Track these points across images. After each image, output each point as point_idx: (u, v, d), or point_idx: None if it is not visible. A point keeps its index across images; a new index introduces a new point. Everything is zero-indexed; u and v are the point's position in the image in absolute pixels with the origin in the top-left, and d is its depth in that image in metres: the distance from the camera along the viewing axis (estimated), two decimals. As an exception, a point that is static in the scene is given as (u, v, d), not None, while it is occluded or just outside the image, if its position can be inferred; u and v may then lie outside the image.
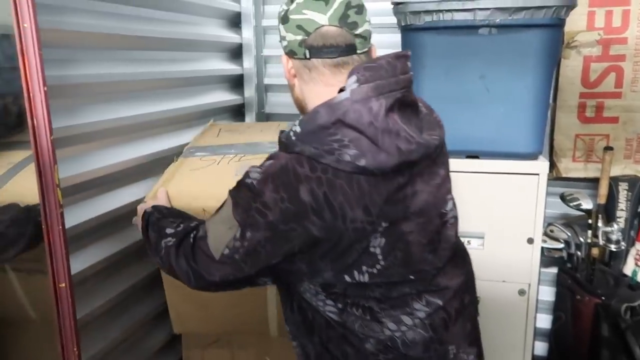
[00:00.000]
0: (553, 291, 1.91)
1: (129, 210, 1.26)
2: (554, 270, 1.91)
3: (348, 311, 0.90)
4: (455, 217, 0.96)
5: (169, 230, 0.99)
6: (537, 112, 1.46)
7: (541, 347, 1.96)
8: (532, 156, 1.51)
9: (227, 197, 0.89)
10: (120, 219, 1.32)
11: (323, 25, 0.86)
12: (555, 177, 1.84)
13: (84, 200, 1.25)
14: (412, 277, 0.89)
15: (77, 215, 1.21)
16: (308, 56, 0.88)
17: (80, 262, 1.21)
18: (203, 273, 0.90)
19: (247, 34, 2.02)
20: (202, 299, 1.27)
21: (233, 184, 1.14)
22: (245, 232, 0.83)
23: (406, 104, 0.87)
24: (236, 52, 2.03)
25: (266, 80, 2.09)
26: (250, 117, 2.08)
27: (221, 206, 0.91)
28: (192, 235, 0.93)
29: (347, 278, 0.86)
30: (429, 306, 0.91)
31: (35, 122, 0.92)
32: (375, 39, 0.93)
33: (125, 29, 1.35)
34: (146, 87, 1.48)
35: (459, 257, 1.00)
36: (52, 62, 1.09)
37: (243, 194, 0.86)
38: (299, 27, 0.87)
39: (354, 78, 0.83)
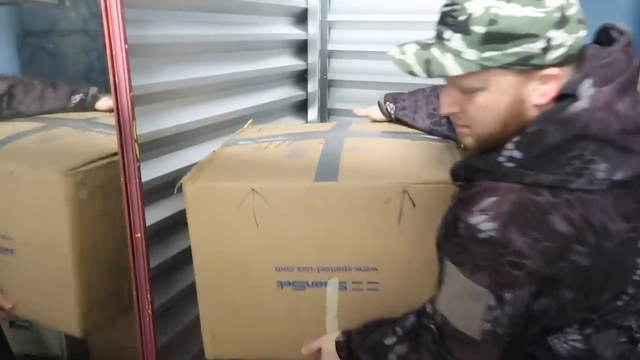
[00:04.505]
0: None
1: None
2: None
3: (598, 335, 0.76)
4: None
5: (388, 340, 0.86)
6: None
7: None
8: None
9: (444, 264, 0.76)
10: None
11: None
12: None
13: (159, 157, 1.31)
14: None
15: (153, 170, 1.26)
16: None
17: (155, 215, 1.27)
18: None
19: (313, -2, 2.01)
20: (247, 316, 1.09)
21: (286, 164, 1.07)
22: (503, 295, 0.70)
23: None
24: (301, 17, 2.02)
25: (330, 46, 2.07)
26: (312, 83, 2.08)
27: (441, 280, 0.78)
28: (429, 328, 0.79)
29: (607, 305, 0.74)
30: None
31: (116, 78, 0.97)
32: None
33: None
34: (216, 50, 1.52)
35: None
36: (133, 22, 1.13)
37: (479, 253, 0.70)
38: (581, 20, 0.71)
39: (589, 82, 0.68)
